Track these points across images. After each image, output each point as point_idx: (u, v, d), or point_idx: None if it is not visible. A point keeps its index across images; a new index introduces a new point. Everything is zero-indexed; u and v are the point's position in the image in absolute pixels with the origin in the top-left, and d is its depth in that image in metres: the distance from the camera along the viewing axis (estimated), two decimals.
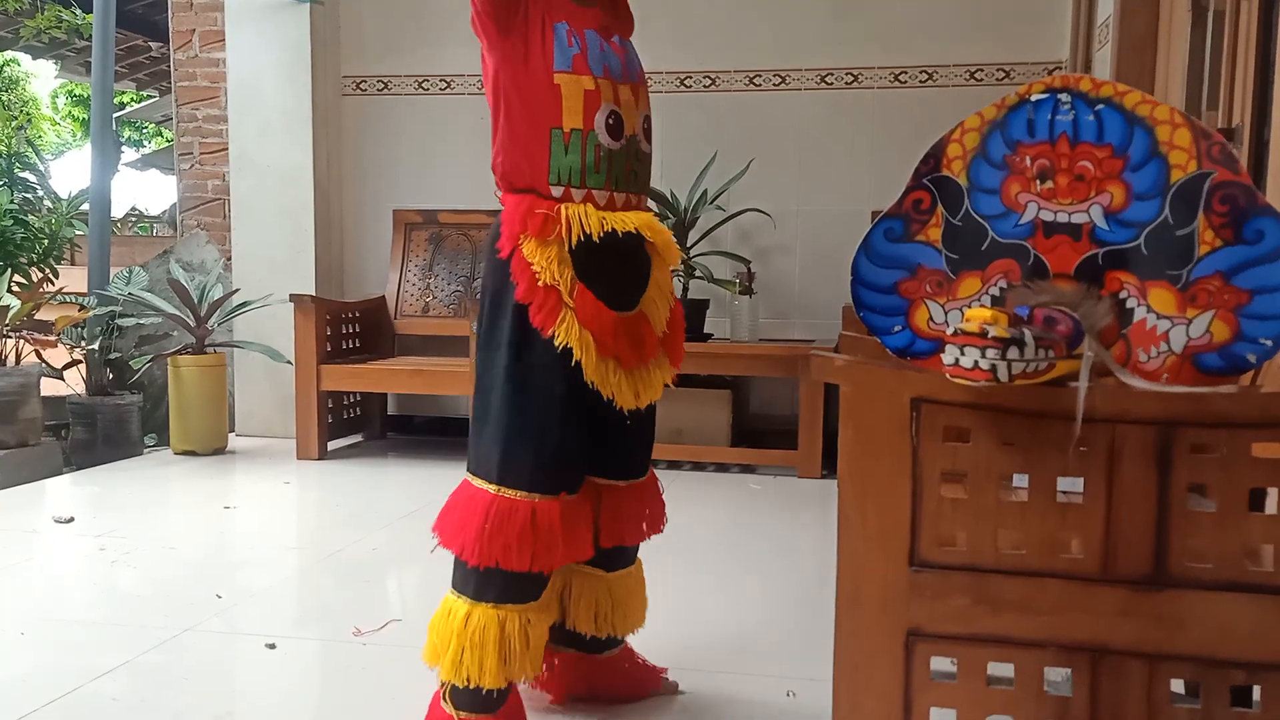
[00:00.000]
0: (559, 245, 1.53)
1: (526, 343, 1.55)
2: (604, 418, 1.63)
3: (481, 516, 1.54)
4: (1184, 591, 1.20)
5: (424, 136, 4.43)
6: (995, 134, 1.32)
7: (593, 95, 1.56)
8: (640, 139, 1.63)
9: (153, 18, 8.16)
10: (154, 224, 12.55)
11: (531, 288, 1.53)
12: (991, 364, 1.16)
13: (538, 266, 1.52)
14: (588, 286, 1.54)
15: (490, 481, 1.57)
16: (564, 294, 1.53)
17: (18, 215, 4.17)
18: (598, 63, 1.58)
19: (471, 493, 1.58)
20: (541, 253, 1.53)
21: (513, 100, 1.56)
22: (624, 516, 1.72)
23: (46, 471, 3.70)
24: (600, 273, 1.55)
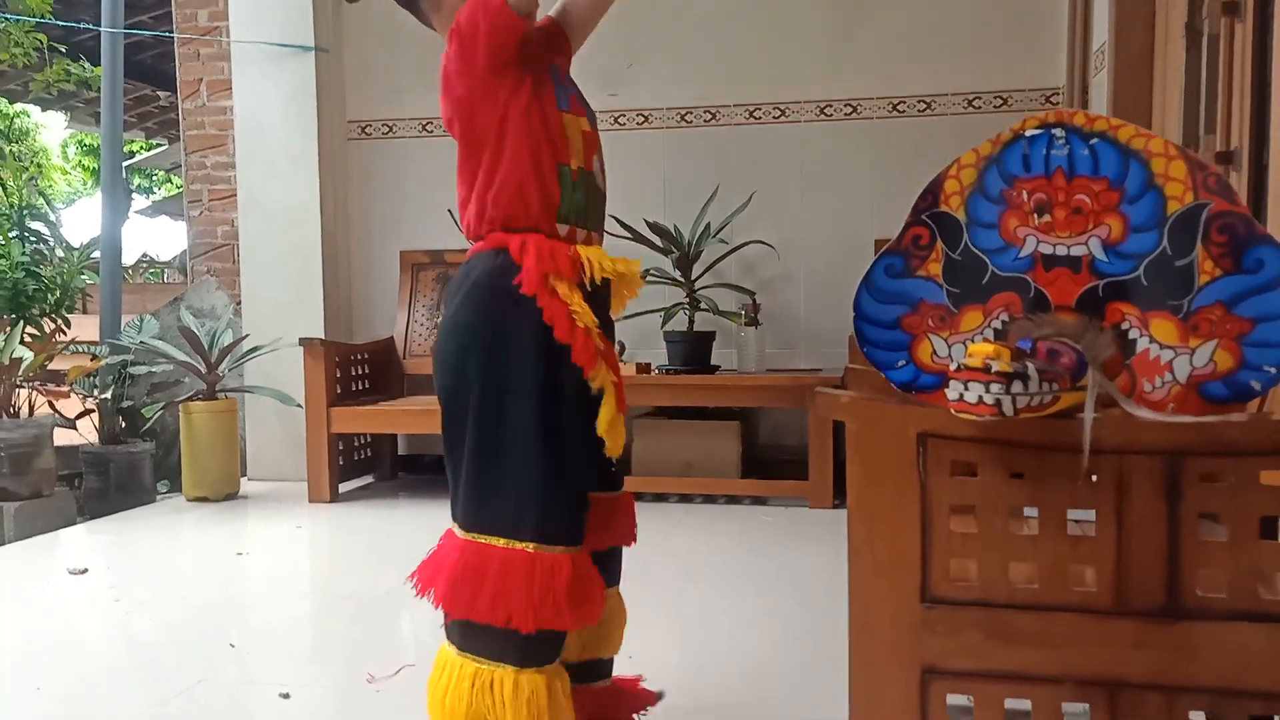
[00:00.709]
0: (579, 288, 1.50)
1: (554, 386, 1.48)
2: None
3: (525, 580, 1.43)
4: (1198, 622, 1.20)
5: (429, 178, 4.47)
6: (991, 169, 1.33)
7: (590, 137, 1.60)
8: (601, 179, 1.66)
9: (161, 67, 8.26)
10: (165, 269, 12.65)
11: (571, 329, 1.47)
12: (996, 399, 1.17)
13: (576, 307, 1.48)
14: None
15: (521, 539, 1.45)
16: (595, 337, 1.50)
17: (29, 268, 4.22)
18: (584, 105, 1.61)
19: (504, 555, 1.44)
20: (573, 295, 1.49)
21: (517, 136, 1.49)
22: (620, 521, 1.71)
23: (60, 522, 3.71)
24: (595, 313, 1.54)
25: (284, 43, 4.27)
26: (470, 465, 1.49)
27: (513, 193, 1.51)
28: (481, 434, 1.49)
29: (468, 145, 1.53)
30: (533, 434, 1.46)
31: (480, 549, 1.47)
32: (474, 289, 1.51)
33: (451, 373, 1.51)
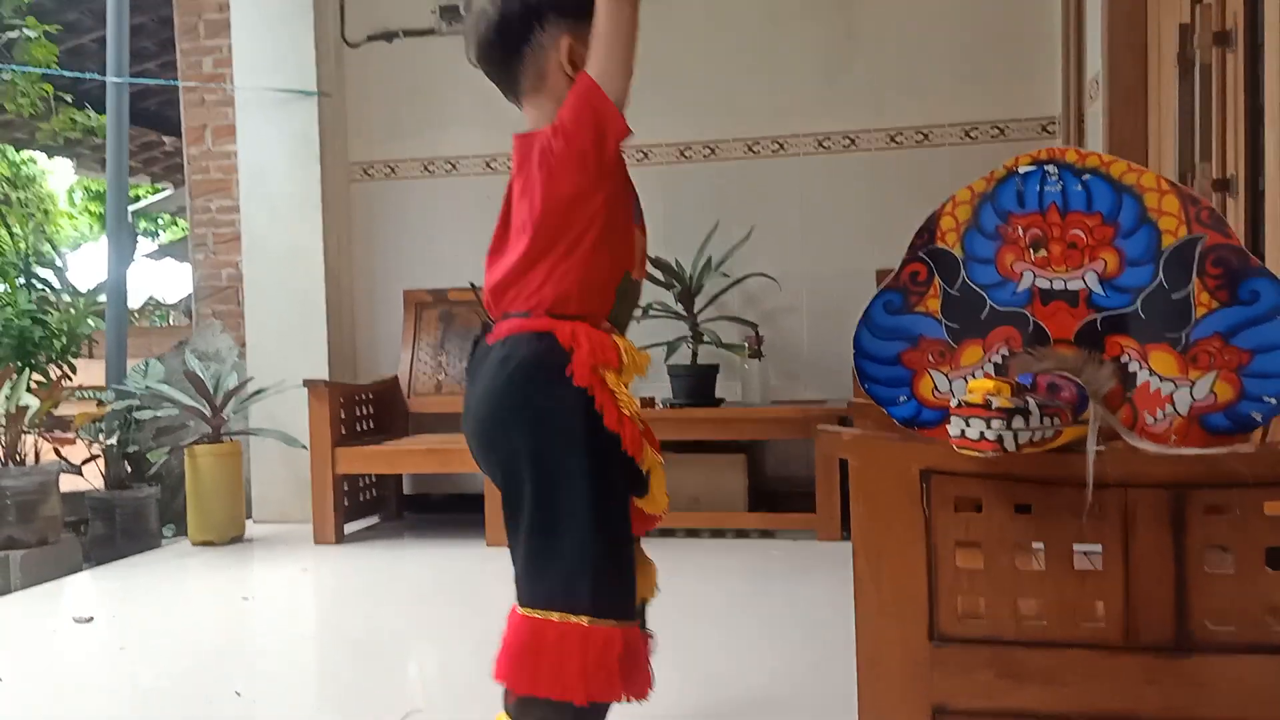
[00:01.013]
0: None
1: (605, 471, 1.51)
2: None
3: (580, 652, 1.45)
4: (1208, 656, 1.19)
5: (431, 217, 4.50)
6: (986, 206, 1.34)
7: (644, 250, 1.67)
8: None
9: (165, 113, 8.35)
10: (171, 311, 12.70)
11: (620, 418, 1.51)
12: (997, 434, 1.17)
13: (623, 398, 1.53)
14: None
15: (576, 613, 1.47)
16: (638, 423, 1.55)
17: (36, 315, 4.24)
18: (642, 218, 1.68)
19: (560, 629, 1.47)
20: (619, 384, 1.53)
21: (599, 239, 1.53)
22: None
23: (66, 569, 3.71)
24: None
25: (287, 88, 4.32)
26: (528, 543, 1.52)
27: (576, 288, 1.53)
28: (539, 515, 1.50)
29: (546, 234, 1.54)
30: (587, 515, 1.49)
31: (537, 624, 1.48)
32: (521, 371, 1.51)
33: (504, 454, 1.54)
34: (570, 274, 1.53)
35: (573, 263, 1.53)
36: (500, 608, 1.56)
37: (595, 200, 1.54)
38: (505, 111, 4.08)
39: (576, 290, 1.53)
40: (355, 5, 4.51)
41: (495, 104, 4.01)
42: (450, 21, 4.38)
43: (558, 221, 1.54)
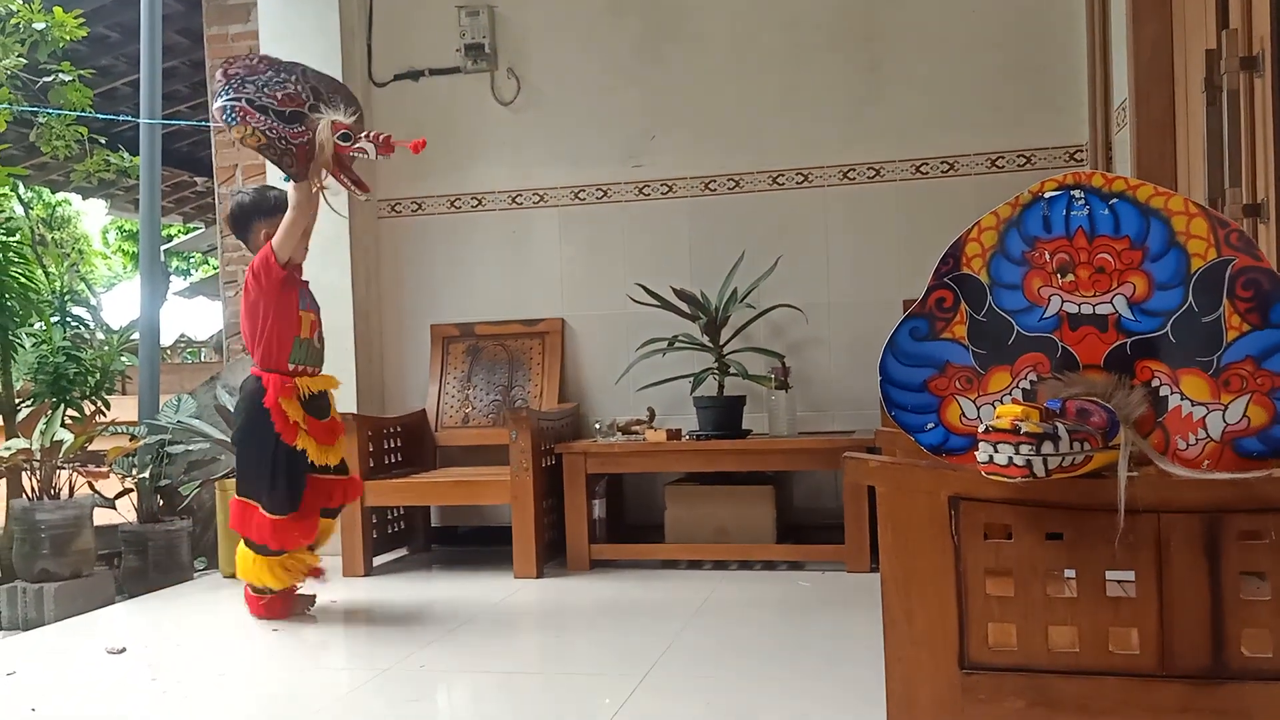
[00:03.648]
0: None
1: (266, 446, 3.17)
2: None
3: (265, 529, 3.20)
4: (1245, 683, 1.17)
5: (458, 252, 4.54)
6: (1012, 231, 1.34)
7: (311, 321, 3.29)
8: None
9: (197, 154, 8.51)
10: (202, 349, 12.85)
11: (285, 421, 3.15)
12: (1026, 460, 1.16)
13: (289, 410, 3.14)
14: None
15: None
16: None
17: (70, 351, 4.30)
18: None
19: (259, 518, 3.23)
20: (291, 404, 3.14)
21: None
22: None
23: (99, 601, 3.74)
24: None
25: None
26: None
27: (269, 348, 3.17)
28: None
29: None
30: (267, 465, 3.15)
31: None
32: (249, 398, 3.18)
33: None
34: (268, 347, 3.15)
35: (268, 341, 3.15)
36: (528, 640, 1.55)
37: (266, 305, 3.12)
38: (529, 149, 4.24)
39: (272, 354, 3.15)
40: (382, 45, 4.59)
41: (519, 141, 4.09)
42: (475, 60, 4.45)
43: (251, 318, 3.16)
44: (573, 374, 4.45)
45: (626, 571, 3.82)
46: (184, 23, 5.68)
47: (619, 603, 3.40)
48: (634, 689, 2.43)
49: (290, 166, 2.94)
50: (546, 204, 4.47)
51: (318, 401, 3.21)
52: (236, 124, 2.85)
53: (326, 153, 2.95)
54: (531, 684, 2.57)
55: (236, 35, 5.02)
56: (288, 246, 3.06)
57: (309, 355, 3.20)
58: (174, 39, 5.93)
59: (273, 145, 2.88)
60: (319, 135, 2.94)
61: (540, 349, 4.44)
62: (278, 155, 2.91)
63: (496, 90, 4.48)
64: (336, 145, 2.95)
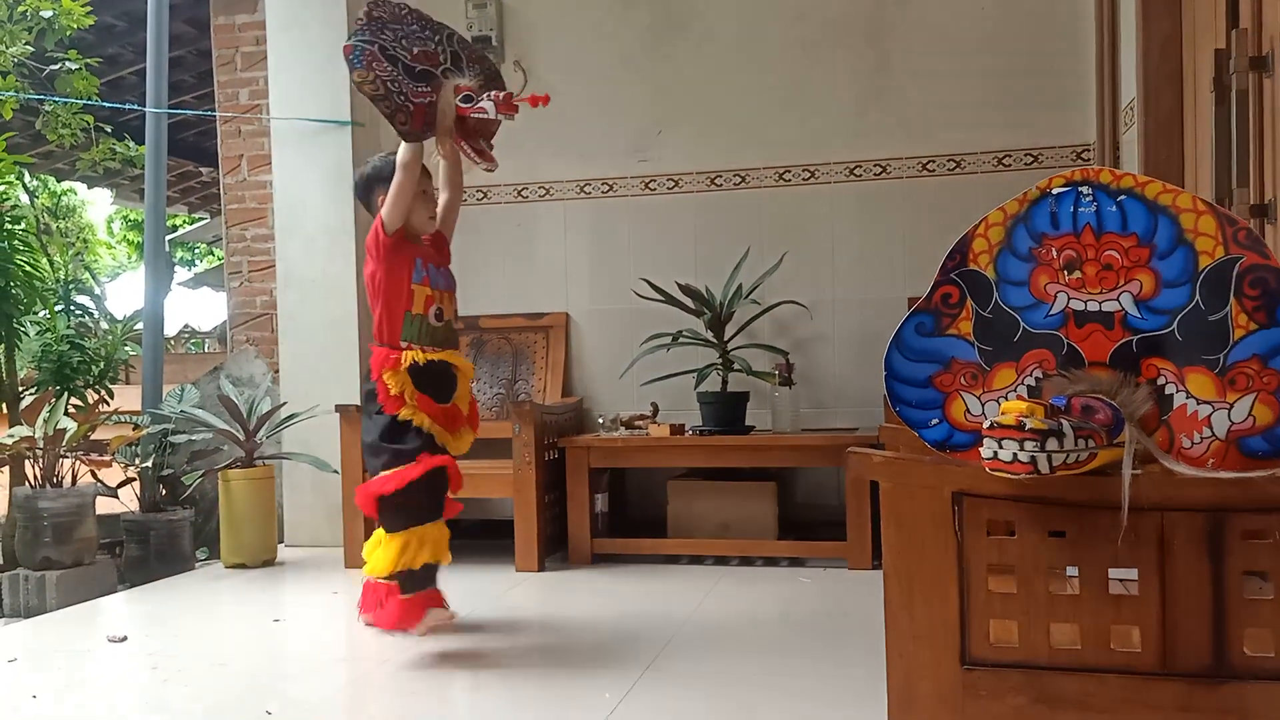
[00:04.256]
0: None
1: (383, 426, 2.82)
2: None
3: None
4: (1247, 683, 1.17)
5: (462, 245, 4.52)
6: (1019, 227, 1.34)
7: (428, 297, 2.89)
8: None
9: (203, 145, 8.52)
10: (206, 339, 12.87)
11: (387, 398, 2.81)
12: (1031, 456, 1.16)
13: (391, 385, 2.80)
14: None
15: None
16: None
17: (74, 340, 4.31)
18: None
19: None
20: (394, 377, 2.79)
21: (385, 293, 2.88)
22: None
23: (101, 590, 3.75)
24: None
25: (321, 119, 4.39)
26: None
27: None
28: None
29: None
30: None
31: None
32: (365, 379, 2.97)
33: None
34: (384, 320, 2.87)
35: (384, 314, 2.87)
36: (529, 633, 1.55)
37: (379, 276, 2.84)
38: (535, 142, 4.23)
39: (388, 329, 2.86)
40: None
41: (525, 135, 4.06)
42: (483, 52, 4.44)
43: (371, 290, 2.88)
44: (576, 368, 4.45)
45: (628, 566, 3.82)
46: (191, 12, 5.68)
47: (620, 597, 3.39)
48: (634, 683, 2.43)
49: (403, 124, 2.73)
50: (552, 198, 4.46)
51: (435, 381, 2.84)
52: (360, 68, 2.68)
53: (448, 118, 2.78)
54: (531, 677, 2.57)
55: (243, 25, 5.02)
56: (395, 212, 2.80)
57: (423, 333, 2.84)
58: (181, 28, 5.93)
59: (389, 97, 2.70)
60: (443, 98, 2.77)
61: (544, 343, 4.44)
62: (391, 109, 2.71)
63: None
64: (458, 108, 2.78)
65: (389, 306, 2.83)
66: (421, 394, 2.77)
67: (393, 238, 2.81)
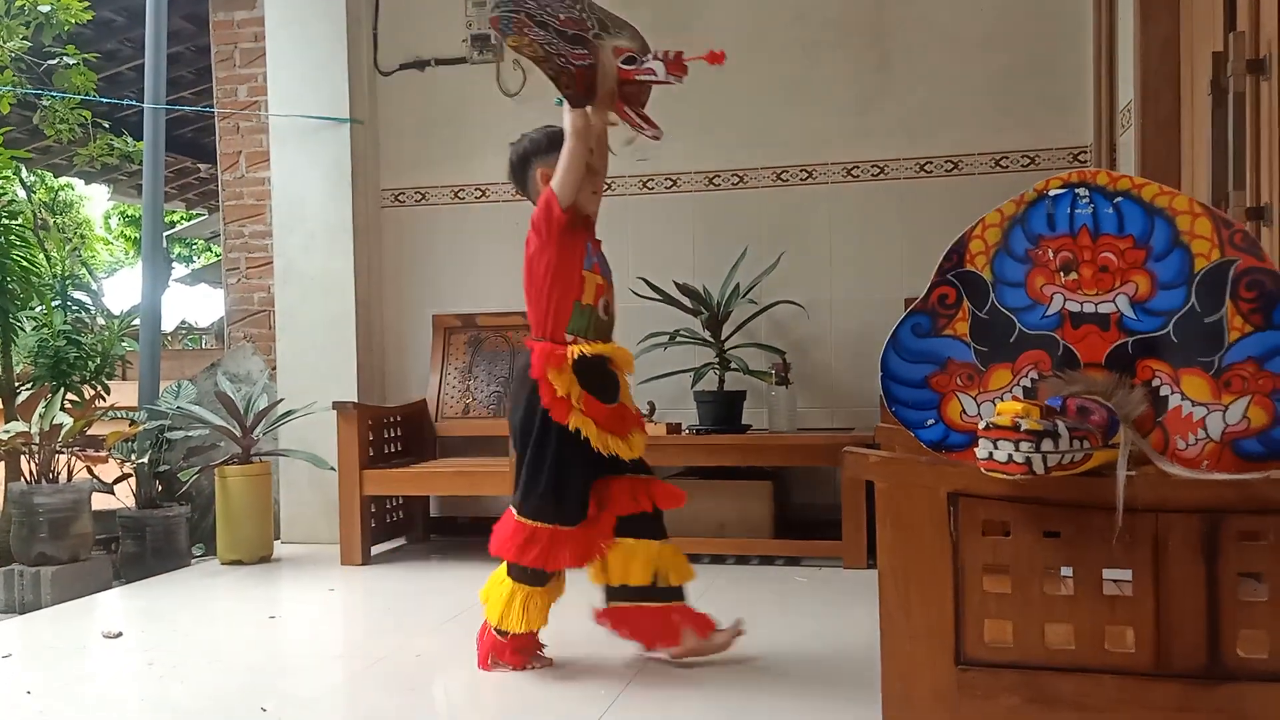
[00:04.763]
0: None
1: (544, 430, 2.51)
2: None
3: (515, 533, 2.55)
4: (1242, 684, 1.17)
5: (461, 243, 4.54)
6: (1016, 229, 1.34)
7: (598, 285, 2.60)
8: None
9: (201, 141, 8.51)
10: (203, 335, 12.86)
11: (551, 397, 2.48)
12: (1026, 457, 1.16)
13: (557, 384, 2.46)
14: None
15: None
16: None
17: (70, 335, 4.31)
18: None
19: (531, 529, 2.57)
20: (559, 376, 2.46)
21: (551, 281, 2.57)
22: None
23: (97, 586, 3.74)
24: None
25: (320, 116, 4.39)
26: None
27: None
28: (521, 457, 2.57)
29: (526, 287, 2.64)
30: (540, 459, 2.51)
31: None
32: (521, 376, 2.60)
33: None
34: (550, 312, 2.55)
35: (551, 306, 2.54)
36: None
37: (549, 260, 2.53)
38: None
39: (555, 322, 2.53)
40: (388, 34, 4.58)
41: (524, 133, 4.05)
42: (481, 50, 4.44)
43: (533, 277, 2.58)
44: None
45: None
46: (189, 8, 5.67)
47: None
48: (629, 681, 2.44)
49: (568, 87, 2.55)
50: None
51: (600, 379, 2.54)
52: (512, 33, 2.51)
53: (611, 80, 2.56)
54: (527, 675, 2.57)
55: (242, 21, 5.01)
56: (569, 184, 2.51)
57: (591, 326, 2.54)
58: (179, 24, 5.91)
59: (550, 60, 2.53)
60: (603, 61, 2.56)
61: None
62: (555, 71, 2.54)
63: (502, 81, 4.48)
64: (620, 70, 2.58)
65: (557, 295, 2.52)
66: (588, 394, 2.49)
67: (567, 215, 2.51)
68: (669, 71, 2.60)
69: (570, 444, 2.44)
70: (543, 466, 2.45)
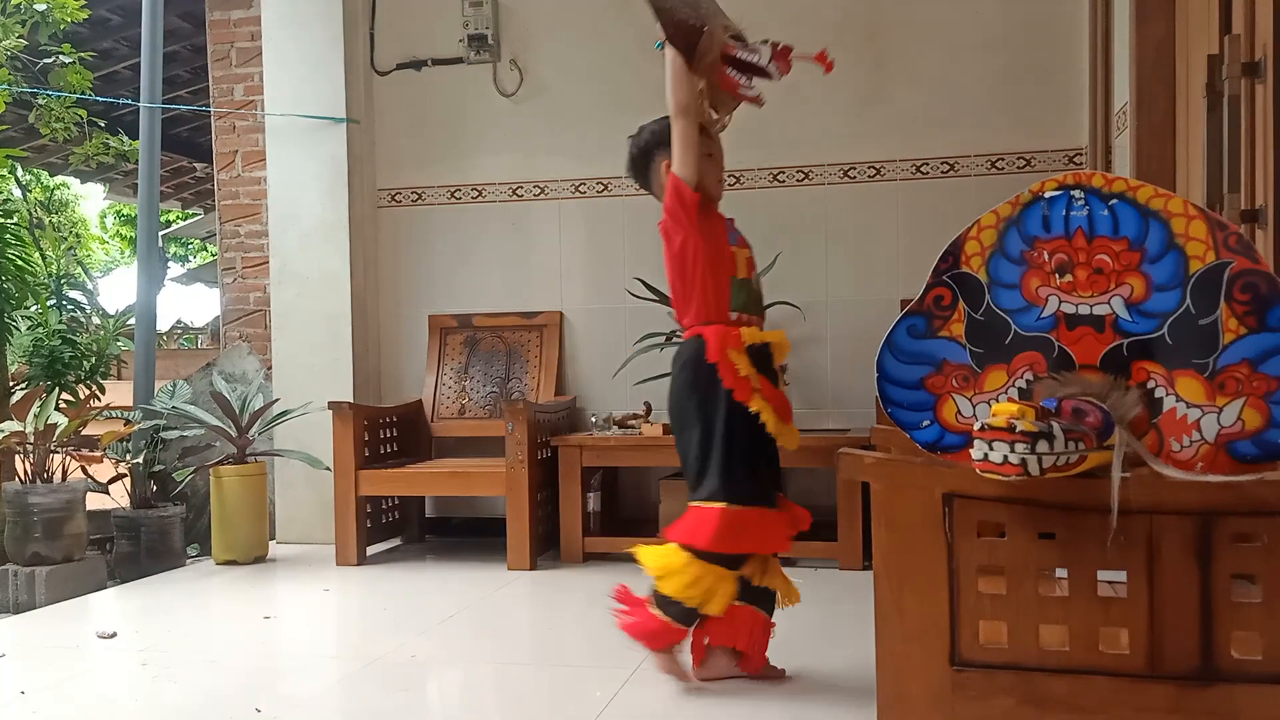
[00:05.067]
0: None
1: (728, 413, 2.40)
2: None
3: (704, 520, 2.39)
4: (1235, 685, 1.18)
5: (457, 243, 4.54)
6: (1012, 230, 1.34)
7: (748, 258, 2.61)
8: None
9: (197, 140, 8.50)
10: (199, 335, 12.84)
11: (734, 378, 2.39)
12: (1021, 458, 1.16)
13: (739, 364, 2.40)
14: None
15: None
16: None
17: (65, 335, 4.30)
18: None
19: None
20: (739, 356, 2.40)
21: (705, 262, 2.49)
22: None
23: (91, 586, 3.74)
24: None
25: (317, 115, 4.38)
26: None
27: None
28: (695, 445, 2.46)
29: (675, 276, 2.53)
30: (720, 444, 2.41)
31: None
32: (688, 360, 2.47)
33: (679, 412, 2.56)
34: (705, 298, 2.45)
35: (704, 290, 2.44)
36: (520, 632, 1.55)
37: (695, 243, 2.44)
38: (530, 141, 4.21)
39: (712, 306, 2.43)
40: (384, 34, 4.58)
41: (520, 133, 4.04)
42: (478, 50, 4.44)
43: (680, 265, 2.47)
44: (570, 367, 4.44)
45: (620, 565, 3.82)
46: (186, 7, 5.66)
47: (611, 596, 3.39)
48: (625, 682, 2.44)
49: (672, 32, 2.48)
50: (547, 196, 4.46)
51: (766, 364, 2.50)
52: None
53: (715, 51, 2.52)
54: (523, 676, 2.57)
55: (239, 20, 5.01)
56: (689, 161, 2.45)
57: (750, 300, 2.52)
58: (175, 23, 5.91)
59: (669, 10, 2.48)
60: (713, 31, 2.52)
61: (538, 341, 4.44)
62: (671, 20, 2.48)
63: (499, 81, 4.47)
64: (725, 45, 2.54)
65: (713, 274, 2.46)
66: (764, 378, 2.43)
67: (700, 195, 2.46)
68: (774, 58, 2.58)
69: (750, 427, 2.36)
70: (734, 449, 2.35)
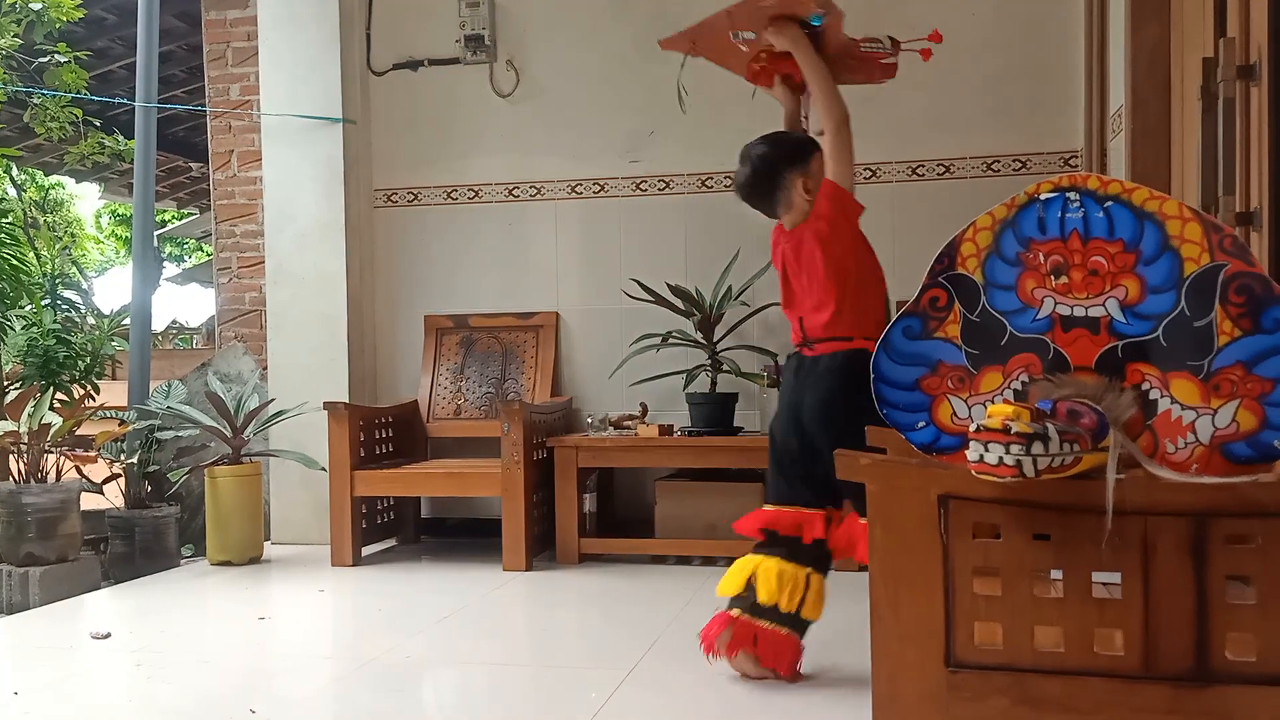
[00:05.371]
0: None
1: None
2: None
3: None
4: (1229, 687, 1.18)
5: (453, 244, 4.54)
6: (1007, 232, 1.35)
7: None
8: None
9: (192, 140, 8.49)
10: (194, 335, 12.83)
11: None
12: (1016, 459, 1.17)
13: None
14: None
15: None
16: None
17: (60, 334, 4.29)
18: None
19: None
20: None
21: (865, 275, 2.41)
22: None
23: (85, 586, 3.73)
24: None
25: (313, 115, 4.38)
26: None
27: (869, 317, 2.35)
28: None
29: (839, 288, 2.35)
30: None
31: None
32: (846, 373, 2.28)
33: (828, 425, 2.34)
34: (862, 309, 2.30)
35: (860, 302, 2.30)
36: (516, 633, 1.55)
37: (856, 255, 2.34)
38: (527, 142, 4.21)
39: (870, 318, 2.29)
40: (381, 34, 4.58)
41: (517, 134, 4.05)
42: (474, 51, 4.44)
43: (841, 276, 2.31)
44: (566, 368, 4.44)
45: (615, 566, 3.82)
46: (182, 6, 5.66)
47: (607, 597, 3.40)
48: (620, 683, 2.43)
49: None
50: (543, 197, 4.46)
51: None
52: None
53: (843, 41, 2.57)
54: (518, 677, 2.57)
55: (235, 20, 5.01)
56: (848, 169, 2.43)
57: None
58: (171, 23, 5.90)
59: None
60: (841, 26, 2.50)
61: (534, 342, 4.44)
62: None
63: (495, 82, 4.47)
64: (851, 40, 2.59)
65: (872, 288, 2.39)
66: None
67: (859, 205, 2.40)
68: (895, 51, 2.74)
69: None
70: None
